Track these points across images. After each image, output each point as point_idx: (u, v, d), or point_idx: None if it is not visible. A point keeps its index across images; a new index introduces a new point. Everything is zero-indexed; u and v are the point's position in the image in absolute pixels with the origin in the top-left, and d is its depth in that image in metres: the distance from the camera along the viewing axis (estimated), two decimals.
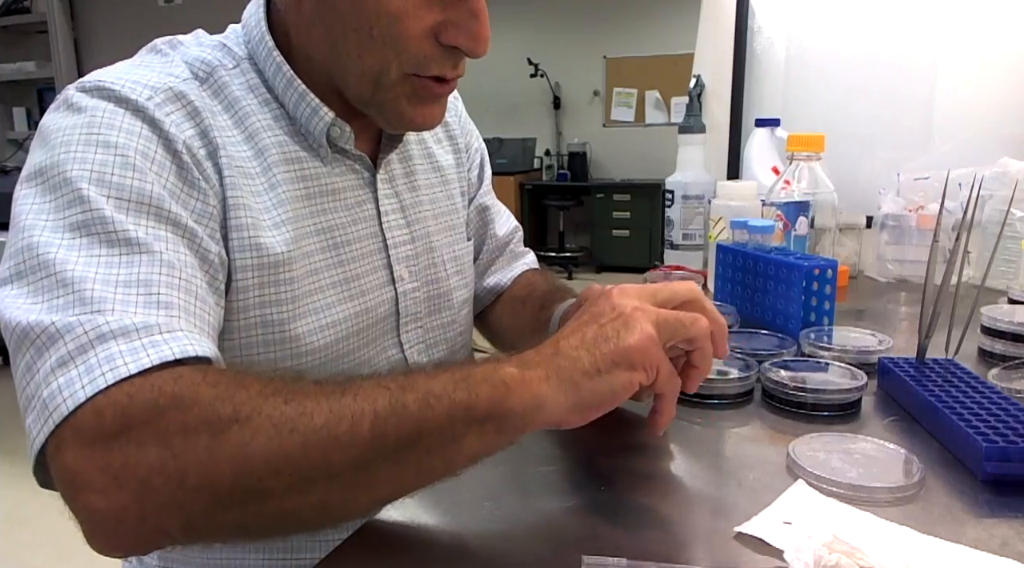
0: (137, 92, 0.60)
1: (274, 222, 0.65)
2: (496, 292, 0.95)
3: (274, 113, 0.68)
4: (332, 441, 0.47)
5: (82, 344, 0.48)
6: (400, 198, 0.78)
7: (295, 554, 0.72)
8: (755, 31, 1.66)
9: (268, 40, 0.68)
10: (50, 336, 0.49)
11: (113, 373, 0.47)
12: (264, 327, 0.64)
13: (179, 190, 0.59)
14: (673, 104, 5.85)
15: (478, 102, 5.44)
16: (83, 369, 0.47)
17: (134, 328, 0.49)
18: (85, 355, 0.48)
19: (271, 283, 0.64)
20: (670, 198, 1.38)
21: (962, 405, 0.65)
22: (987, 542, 0.50)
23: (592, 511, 0.55)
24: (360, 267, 0.72)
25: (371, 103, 0.67)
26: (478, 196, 0.94)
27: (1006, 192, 1.14)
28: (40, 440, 0.47)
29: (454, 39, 0.63)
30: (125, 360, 0.48)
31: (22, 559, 2.18)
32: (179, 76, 0.64)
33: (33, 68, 4.53)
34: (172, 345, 0.50)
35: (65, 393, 0.46)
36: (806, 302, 0.90)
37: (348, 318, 0.70)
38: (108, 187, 0.55)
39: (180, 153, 0.60)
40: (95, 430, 0.46)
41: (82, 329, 0.49)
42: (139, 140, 0.58)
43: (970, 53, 1.45)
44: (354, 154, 0.73)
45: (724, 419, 0.72)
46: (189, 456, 0.45)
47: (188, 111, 0.62)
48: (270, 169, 0.67)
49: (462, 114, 0.93)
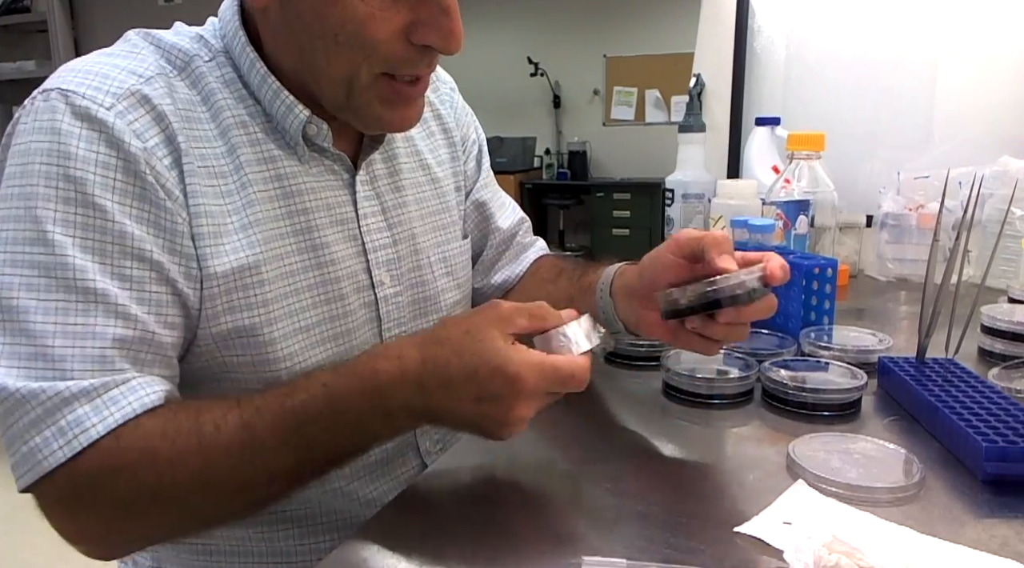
0: (99, 101, 0.59)
1: (242, 224, 0.64)
2: (505, 288, 0.92)
3: (249, 110, 0.67)
4: (254, 490, 0.59)
5: (49, 409, 0.54)
6: (382, 200, 0.76)
7: (291, 564, 0.72)
8: (755, 31, 1.66)
9: (241, 35, 0.67)
10: (16, 401, 0.55)
11: (85, 435, 0.54)
12: (236, 333, 0.64)
13: (146, 214, 0.59)
14: (673, 103, 5.84)
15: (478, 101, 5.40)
16: (55, 430, 0.54)
17: (92, 388, 0.55)
18: (54, 417, 0.54)
19: (238, 288, 0.63)
20: (670, 197, 1.38)
21: (962, 405, 0.64)
22: (987, 542, 0.50)
23: (592, 511, 0.55)
24: (338, 270, 0.70)
25: (346, 107, 0.66)
26: (475, 189, 0.91)
27: (1006, 191, 1.14)
28: (25, 482, 0.55)
29: (426, 38, 0.62)
30: (92, 422, 0.55)
31: (22, 559, 2.18)
32: (144, 75, 0.63)
33: (33, 68, 4.53)
34: (130, 398, 0.56)
35: (45, 451, 0.54)
36: (806, 301, 0.90)
37: (324, 322, 0.69)
38: (72, 226, 0.57)
39: (142, 174, 0.59)
40: (65, 492, 0.55)
41: (45, 395, 0.54)
42: (96, 171, 0.58)
43: (970, 52, 1.44)
44: (332, 153, 0.71)
45: (724, 419, 0.72)
46: (138, 513, 0.57)
47: (153, 116, 0.61)
48: (242, 168, 0.65)
49: (458, 105, 0.90)
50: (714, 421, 0.71)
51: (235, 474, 0.57)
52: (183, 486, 0.56)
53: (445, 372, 0.56)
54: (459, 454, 0.66)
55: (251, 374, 0.65)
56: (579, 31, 6.01)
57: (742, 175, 1.57)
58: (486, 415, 0.56)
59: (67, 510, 0.56)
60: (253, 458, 0.57)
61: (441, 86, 0.89)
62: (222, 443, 0.56)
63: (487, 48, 5.96)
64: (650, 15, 5.81)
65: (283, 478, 0.59)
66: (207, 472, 0.56)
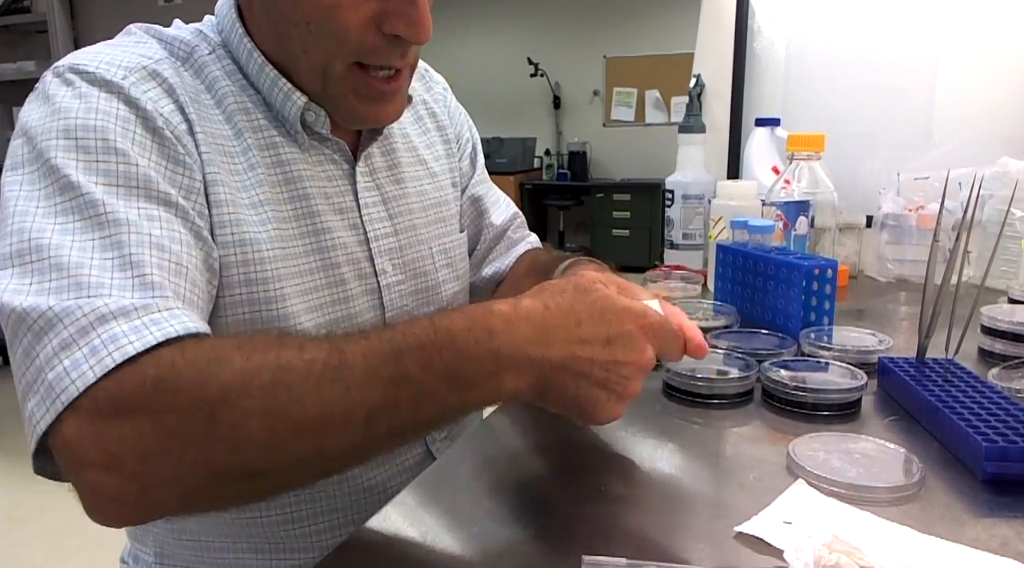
0: (112, 73, 0.60)
1: (251, 202, 0.65)
2: (495, 280, 0.93)
3: (251, 98, 0.69)
4: (326, 430, 0.49)
5: (83, 327, 0.48)
6: (382, 190, 0.77)
7: (292, 554, 0.72)
8: (755, 31, 1.66)
9: (238, 27, 0.69)
10: (48, 320, 0.49)
11: (120, 352, 0.47)
12: (251, 305, 0.64)
13: (163, 167, 0.59)
14: (673, 104, 5.85)
15: (478, 102, 5.44)
16: (87, 350, 0.47)
17: (133, 308, 0.50)
18: (87, 337, 0.48)
19: (254, 261, 0.64)
20: (670, 198, 1.38)
21: (962, 405, 0.64)
22: (987, 542, 0.50)
23: (592, 511, 0.55)
24: (339, 257, 0.71)
25: (324, 98, 0.68)
26: (471, 186, 0.93)
27: (1006, 192, 1.14)
28: (47, 421, 0.47)
29: (394, 27, 0.63)
30: (130, 339, 0.48)
31: (22, 558, 2.18)
32: (152, 57, 0.64)
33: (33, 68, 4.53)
34: (173, 322, 0.50)
35: (73, 374, 0.47)
36: (806, 302, 0.90)
37: (327, 304, 0.70)
38: (95, 173, 0.56)
39: (160, 129, 0.60)
40: (100, 410, 0.46)
41: (81, 312, 0.49)
42: (116, 122, 0.58)
43: (971, 53, 1.45)
44: (333, 142, 0.72)
45: (724, 419, 0.72)
46: (186, 436, 0.46)
47: (165, 89, 0.63)
48: (249, 150, 0.67)
49: (451, 105, 0.92)
50: (714, 421, 0.71)
51: (310, 402, 0.47)
52: (248, 407, 0.47)
53: (572, 313, 0.54)
54: (460, 452, 0.66)
55: None
56: (579, 31, 6.02)
57: (742, 176, 1.57)
58: (617, 361, 0.54)
59: (91, 450, 0.46)
60: (334, 383, 0.48)
61: (434, 86, 0.92)
62: (304, 360, 0.48)
63: (487, 48, 5.96)
64: (650, 15, 5.82)
65: (362, 422, 0.49)
66: (279, 393, 0.47)
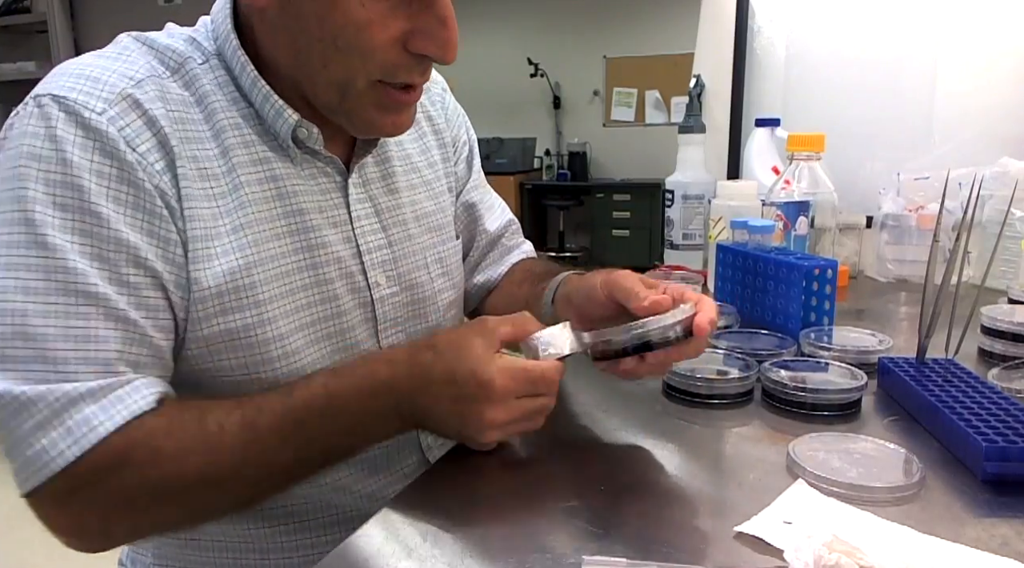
0: (91, 106, 0.59)
1: (234, 226, 0.64)
2: (486, 288, 0.92)
3: (242, 111, 0.67)
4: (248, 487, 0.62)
5: (55, 410, 0.55)
6: (375, 202, 0.75)
7: (291, 558, 0.72)
8: (755, 31, 1.66)
9: (233, 38, 0.67)
10: (21, 404, 0.54)
11: (94, 433, 0.55)
12: (228, 335, 0.64)
13: (139, 220, 0.60)
14: (673, 104, 5.84)
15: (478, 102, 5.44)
16: (63, 430, 0.54)
17: (99, 389, 0.56)
18: (61, 418, 0.55)
19: (229, 291, 0.63)
20: (670, 198, 1.38)
21: (962, 405, 0.65)
22: (987, 542, 0.50)
23: (592, 511, 0.55)
24: (332, 271, 0.70)
25: (339, 111, 0.66)
26: (466, 191, 0.91)
27: (1006, 192, 1.14)
28: (29, 486, 0.55)
29: (423, 47, 0.62)
30: (100, 420, 0.55)
31: (22, 558, 2.18)
32: (135, 77, 0.62)
33: (33, 68, 4.54)
34: (135, 397, 0.57)
35: (52, 452, 0.54)
36: (806, 302, 0.90)
37: (319, 321, 0.70)
38: (71, 232, 0.57)
39: (137, 182, 0.60)
40: (65, 490, 0.55)
41: (53, 397, 0.55)
42: (92, 178, 0.58)
43: (970, 53, 1.45)
44: (324, 156, 0.71)
45: (724, 419, 0.72)
46: (141, 509, 0.58)
47: (145, 121, 0.61)
48: (235, 169, 0.65)
49: (449, 107, 0.90)
50: (714, 421, 0.71)
51: (236, 471, 0.59)
52: (185, 482, 0.58)
53: (428, 375, 0.60)
54: (460, 452, 0.66)
55: (245, 376, 0.65)
56: (579, 32, 6.01)
57: (742, 176, 1.57)
58: (462, 416, 0.60)
59: (66, 507, 0.56)
60: (255, 455, 0.59)
61: (432, 87, 0.89)
62: (225, 441, 0.58)
63: (487, 49, 5.96)
64: (650, 16, 5.82)
65: (282, 474, 0.62)
66: (209, 469, 0.58)
